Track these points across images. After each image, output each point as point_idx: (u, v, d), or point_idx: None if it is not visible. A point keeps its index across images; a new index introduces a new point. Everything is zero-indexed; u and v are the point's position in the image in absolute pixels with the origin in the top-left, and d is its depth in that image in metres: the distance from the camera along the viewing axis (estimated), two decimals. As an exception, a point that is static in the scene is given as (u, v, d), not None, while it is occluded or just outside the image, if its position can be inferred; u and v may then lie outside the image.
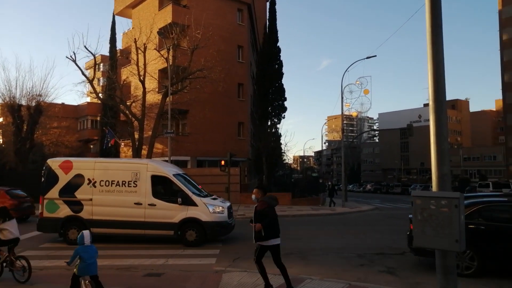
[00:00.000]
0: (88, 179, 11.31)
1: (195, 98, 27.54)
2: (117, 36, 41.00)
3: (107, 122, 31.89)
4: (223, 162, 19.48)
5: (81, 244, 5.42)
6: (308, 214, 20.08)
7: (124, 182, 11.14)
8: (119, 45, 39.58)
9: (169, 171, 11.60)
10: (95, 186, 11.23)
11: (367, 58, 24.76)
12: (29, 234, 12.61)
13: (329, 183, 25.95)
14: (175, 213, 10.88)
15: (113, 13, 37.24)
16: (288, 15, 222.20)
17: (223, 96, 30.09)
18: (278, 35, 31.35)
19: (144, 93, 24.69)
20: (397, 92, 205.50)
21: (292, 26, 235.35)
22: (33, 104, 30.47)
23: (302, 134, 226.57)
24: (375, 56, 25.69)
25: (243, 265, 8.35)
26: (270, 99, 29.65)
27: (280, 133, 34.53)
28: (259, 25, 40.39)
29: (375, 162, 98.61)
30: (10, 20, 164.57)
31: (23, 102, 30.39)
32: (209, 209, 11.06)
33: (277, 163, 32.59)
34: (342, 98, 24.88)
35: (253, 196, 6.60)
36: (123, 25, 73.67)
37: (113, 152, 35.39)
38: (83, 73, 22.97)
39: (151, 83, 27.69)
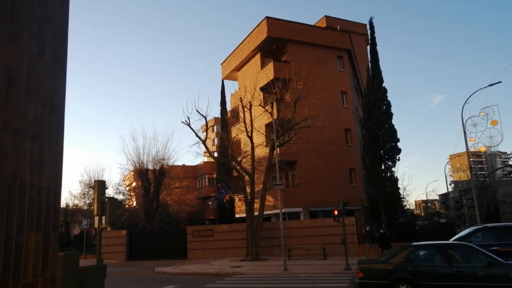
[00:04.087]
0: None
1: (301, 148, 27.50)
2: (226, 98, 44.29)
3: (221, 179, 33.60)
4: (336, 212, 18.44)
5: None
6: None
7: None
8: (229, 107, 42.54)
9: None
10: None
11: (490, 85, 21.87)
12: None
13: (381, 230, 21.48)
14: None
15: (222, 79, 40.57)
16: (389, 56, 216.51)
17: (330, 144, 29.50)
18: (383, 75, 30.24)
19: (253, 148, 25.50)
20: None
21: (396, 67, 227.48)
22: (158, 167, 33.97)
23: (421, 177, 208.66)
24: (500, 82, 22.53)
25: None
26: (381, 142, 28.01)
27: (397, 177, 32.03)
28: (361, 69, 39.79)
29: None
30: (140, 101, 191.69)
31: (150, 167, 34.10)
32: None
33: (396, 209, 29.90)
34: (464, 133, 22.08)
35: None
36: (231, 88, 79.65)
37: (227, 208, 36.82)
38: (197, 135, 24.81)
39: (259, 138, 28.62)
